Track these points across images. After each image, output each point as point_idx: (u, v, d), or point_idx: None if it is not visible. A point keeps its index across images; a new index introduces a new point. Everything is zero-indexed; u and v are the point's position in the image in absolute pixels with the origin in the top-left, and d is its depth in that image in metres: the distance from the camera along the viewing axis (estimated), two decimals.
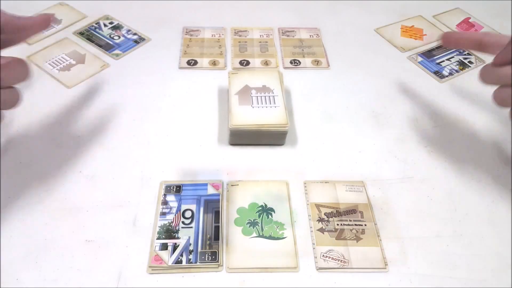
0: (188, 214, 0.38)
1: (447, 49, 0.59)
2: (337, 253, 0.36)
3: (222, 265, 0.35)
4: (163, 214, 0.38)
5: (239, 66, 0.54)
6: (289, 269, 0.35)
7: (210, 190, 0.40)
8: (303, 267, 0.36)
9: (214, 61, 0.55)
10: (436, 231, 0.39)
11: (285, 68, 0.55)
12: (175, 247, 0.36)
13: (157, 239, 0.36)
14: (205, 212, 0.39)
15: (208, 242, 0.36)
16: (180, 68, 0.54)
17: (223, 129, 0.46)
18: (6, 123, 0.44)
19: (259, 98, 0.45)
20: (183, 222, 0.38)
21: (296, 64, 0.55)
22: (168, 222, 0.38)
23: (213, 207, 0.39)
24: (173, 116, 0.47)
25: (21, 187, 0.39)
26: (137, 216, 0.38)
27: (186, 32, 0.59)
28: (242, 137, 0.44)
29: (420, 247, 0.37)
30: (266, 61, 0.55)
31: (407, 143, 0.46)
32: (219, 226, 0.38)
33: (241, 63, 0.55)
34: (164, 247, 0.36)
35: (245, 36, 0.59)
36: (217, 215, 0.38)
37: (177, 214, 0.38)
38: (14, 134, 0.44)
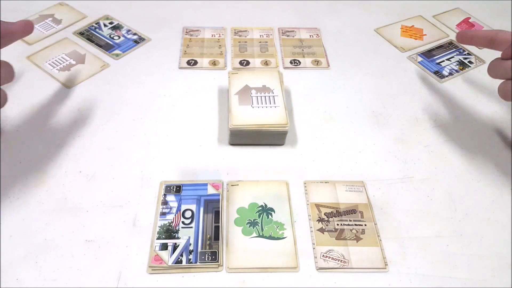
0: (188, 214, 0.38)
1: (447, 49, 0.59)
2: (337, 253, 0.36)
3: (222, 265, 0.35)
4: (163, 214, 0.38)
5: (239, 66, 0.54)
6: (289, 269, 0.35)
7: (210, 190, 0.40)
8: (303, 267, 0.36)
9: (214, 61, 0.55)
10: (436, 231, 0.39)
11: (285, 68, 0.55)
12: (175, 247, 0.36)
13: (157, 239, 0.36)
14: (205, 212, 0.39)
15: (208, 242, 0.36)
16: (180, 68, 0.54)
17: (223, 129, 0.46)
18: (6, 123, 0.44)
19: (259, 98, 0.45)
20: (183, 222, 0.38)
21: (296, 64, 0.55)
22: (168, 222, 0.38)
23: (213, 207, 0.39)
24: (173, 116, 0.47)
25: (21, 187, 0.39)
26: (137, 216, 0.38)
27: (186, 32, 0.59)
28: (242, 137, 0.44)
29: (420, 247, 0.37)
30: (266, 61, 0.55)
31: (407, 143, 0.46)
32: (219, 226, 0.38)
33: (241, 63, 0.55)
34: (164, 247, 0.36)
35: (245, 36, 0.59)
36: (217, 215, 0.38)
37: (177, 214, 0.38)
38: (14, 134, 0.44)
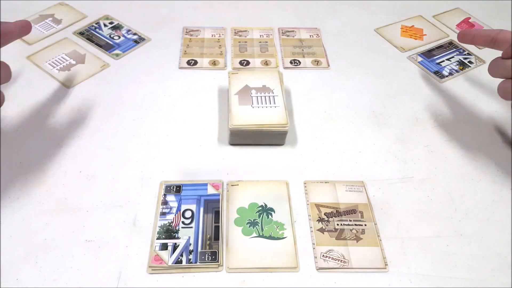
0: (188, 214, 0.38)
1: (447, 49, 0.59)
2: (337, 253, 0.36)
3: (222, 265, 0.35)
4: (163, 214, 0.38)
5: (239, 66, 0.54)
6: (289, 269, 0.35)
7: (210, 190, 0.40)
8: (303, 267, 0.36)
9: (214, 61, 0.55)
10: (436, 231, 0.39)
11: (285, 68, 0.55)
12: (175, 247, 0.36)
13: (157, 239, 0.36)
14: (205, 212, 0.39)
15: (208, 242, 0.36)
16: (180, 68, 0.54)
17: (223, 129, 0.46)
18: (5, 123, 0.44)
19: (259, 98, 0.45)
20: (183, 222, 0.38)
21: (296, 64, 0.55)
22: (168, 222, 0.38)
23: (213, 207, 0.39)
24: (173, 116, 0.47)
25: (21, 187, 0.39)
26: (137, 216, 0.38)
27: (186, 32, 0.59)
28: (242, 137, 0.44)
29: (420, 247, 0.37)
30: (266, 61, 0.55)
31: (407, 143, 0.46)
32: (219, 226, 0.38)
33: (241, 63, 0.55)
34: (164, 247, 0.36)
35: (245, 36, 0.59)
36: (217, 215, 0.38)
37: (177, 214, 0.38)
38: (14, 134, 0.44)
